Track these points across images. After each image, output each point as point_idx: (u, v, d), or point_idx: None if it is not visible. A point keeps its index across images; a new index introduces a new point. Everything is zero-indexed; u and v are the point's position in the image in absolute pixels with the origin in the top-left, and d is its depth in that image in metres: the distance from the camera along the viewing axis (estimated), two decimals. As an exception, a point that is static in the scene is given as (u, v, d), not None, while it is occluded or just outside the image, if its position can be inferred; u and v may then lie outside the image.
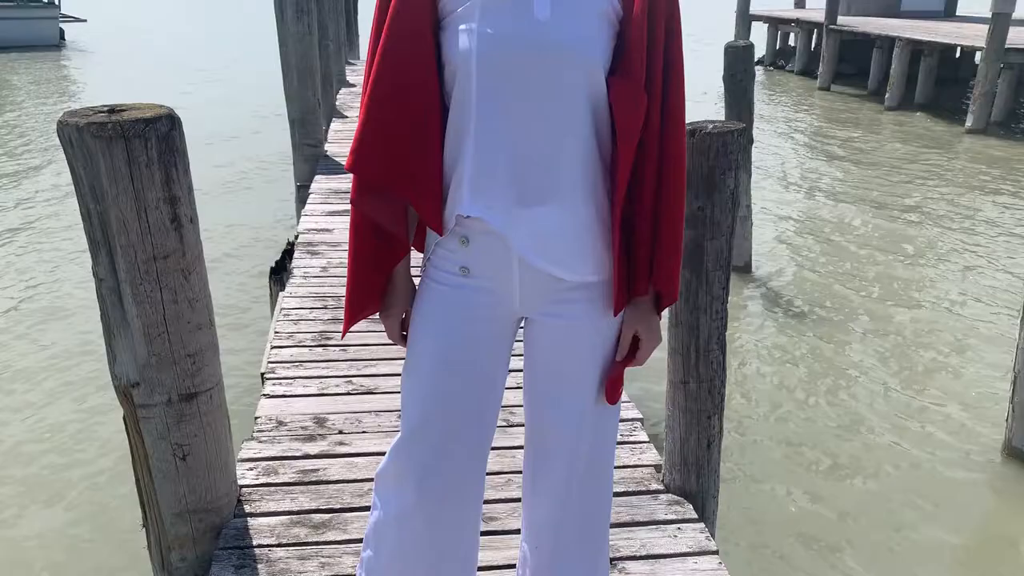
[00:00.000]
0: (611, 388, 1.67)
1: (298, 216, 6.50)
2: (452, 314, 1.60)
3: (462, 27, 1.44)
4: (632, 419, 3.05)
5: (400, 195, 1.54)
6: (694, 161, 2.36)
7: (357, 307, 1.67)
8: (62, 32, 27.23)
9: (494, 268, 1.56)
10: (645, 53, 1.47)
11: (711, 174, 2.34)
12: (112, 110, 2.09)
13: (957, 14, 21.90)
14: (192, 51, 25.08)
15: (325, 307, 4.06)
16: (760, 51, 22.45)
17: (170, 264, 2.14)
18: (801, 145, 13.24)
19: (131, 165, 2.03)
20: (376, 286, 1.67)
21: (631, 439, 2.94)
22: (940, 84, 16.59)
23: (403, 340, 1.72)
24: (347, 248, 4.92)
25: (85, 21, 28.61)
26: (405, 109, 1.48)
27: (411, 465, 1.65)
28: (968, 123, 13.83)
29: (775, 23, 22.47)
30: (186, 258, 2.18)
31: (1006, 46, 13.43)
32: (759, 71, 21.37)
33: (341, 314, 3.95)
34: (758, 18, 22.61)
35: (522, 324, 1.70)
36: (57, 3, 26.96)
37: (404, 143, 1.49)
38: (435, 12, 1.47)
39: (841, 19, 18.82)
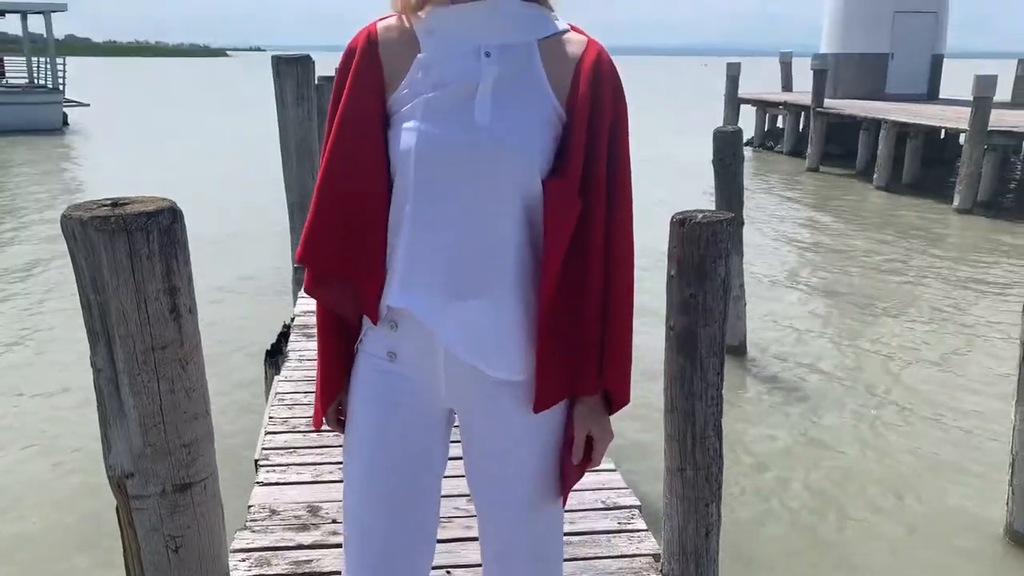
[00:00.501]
0: (566, 485, 1.66)
1: (294, 298, 6.53)
2: (379, 404, 1.63)
3: (405, 126, 1.49)
4: (630, 506, 3.03)
5: (347, 285, 1.59)
6: (685, 250, 2.41)
7: (325, 397, 1.72)
8: (65, 116, 27.77)
9: (419, 357, 1.58)
10: (583, 156, 1.48)
11: (702, 262, 2.38)
12: (115, 203, 2.13)
13: (940, 97, 22.49)
14: (192, 137, 25.56)
15: (320, 391, 4.06)
16: (749, 132, 22.97)
17: (168, 354, 2.16)
18: (792, 225, 13.43)
19: (132, 258, 2.06)
20: (340, 374, 1.70)
21: (629, 527, 2.91)
22: (926, 164, 16.94)
23: (339, 426, 1.75)
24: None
25: (88, 105, 29.19)
26: (353, 203, 1.54)
27: None
28: (955, 203, 14.07)
29: (763, 106, 23.04)
30: (184, 348, 2.20)
31: (989, 128, 13.77)
32: (749, 152, 21.83)
33: (336, 398, 3.95)
34: (746, 101, 23.20)
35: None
36: (61, 88, 27.58)
37: (351, 236, 1.55)
38: (384, 108, 1.53)
39: (828, 102, 19.32)
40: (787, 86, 24.57)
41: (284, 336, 5.01)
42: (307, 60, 6.63)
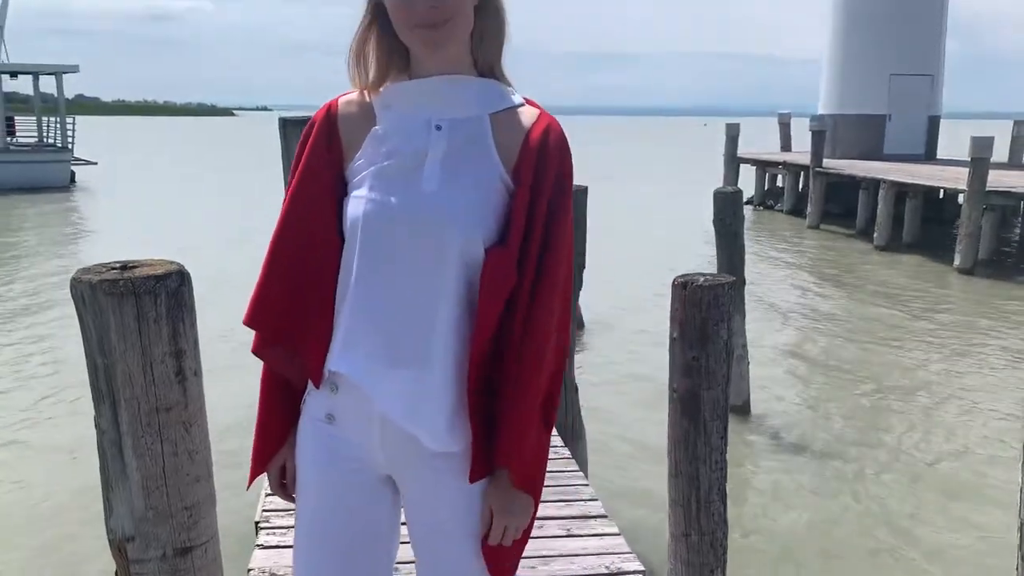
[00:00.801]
0: (491, 561, 1.62)
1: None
2: (319, 465, 1.64)
3: (355, 194, 1.54)
4: (634, 571, 2.99)
5: (290, 349, 1.63)
6: (687, 312, 2.42)
7: (262, 457, 1.75)
8: (73, 174, 28.12)
9: (358, 422, 1.60)
10: (523, 228, 1.49)
11: (704, 325, 2.40)
12: (124, 266, 2.16)
13: (938, 157, 22.75)
14: (197, 195, 25.83)
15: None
16: (749, 191, 23.18)
17: (172, 416, 2.16)
18: (795, 285, 13.47)
19: (140, 320, 2.08)
20: (281, 435, 1.73)
21: (633, 593, 2.87)
22: (926, 223, 17.05)
23: (281, 489, 1.77)
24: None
25: (96, 164, 29.58)
26: (301, 271, 1.59)
27: None
28: (956, 262, 14.13)
29: (763, 165, 23.30)
30: (188, 410, 2.20)
31: (987, 188, 13.90)
32: (749, 211, 22.01)
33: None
34: (746, 160, 23.47)
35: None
36: (70, 147, 27.98)
37: (298, 302, 1.60)
38: (342, 179, 1.58)
39: (826, 162, 19.55)
40: (786, 146, 24.88)
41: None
42: (314, 122, 6.74)
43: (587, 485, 3.90)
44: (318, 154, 1.58)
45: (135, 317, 2.08)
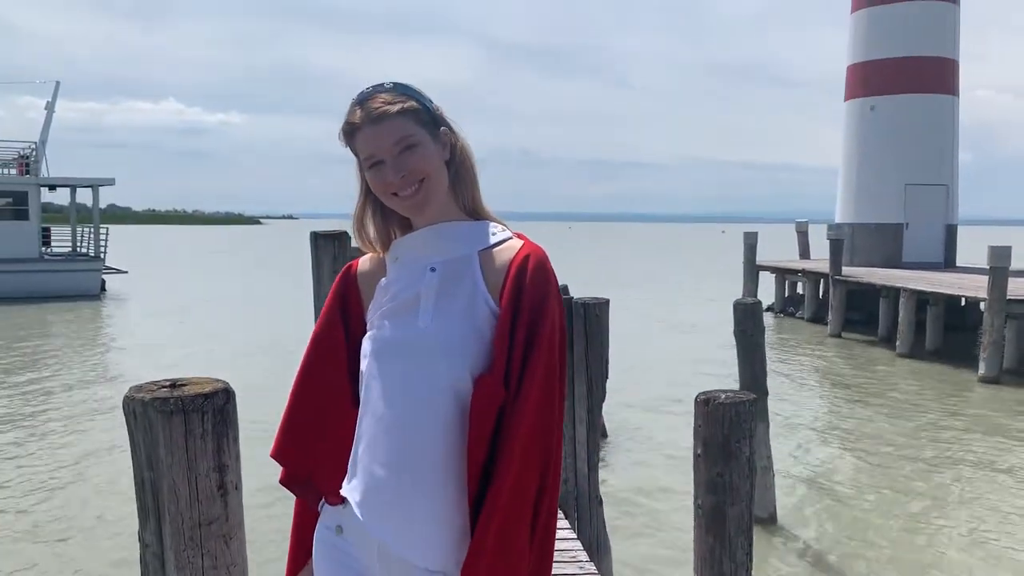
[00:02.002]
0: None
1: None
2: (329, 572, 1.75)
3: (367, 336, 1.73)
4: None
5: (310, 480, 1.83)
6: (710, 429, 2.50)
7: (293, 567, 1.92)
8: (103, 283, 28.78)
9: (358, 540, 1.70)
10: (506, 351, 1.59)
11: (727, 442, 2.47)
12: (174, 384, 2.28)
13: (957, 264, 22.84)
14: (224, 304, 26.27)
15: (348, 565, 4.05)
16: (769, 298, 23.30)
17: (213, 530, 2.24)
18: (817, 394, 13.39)
19: (187, 437, 2.19)
20: (306, 552, 1.87)
21: None
22: (949, 331, 17.00)
23: None
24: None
25: (126, 272, 30.27)
26: (320, 409, 1.80)
27: None
28: (981, 371, 14.02)
29: (782, 273, 23.46)
30: (228, 523, 2.28)
31: (1008, 297, 13.92)
32: (769, 317, 22.05)
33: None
34: (765, 268, 23.66)
35: None
36: (102, 257, 28.74)
37: (316, 438, 1.80)
38: (361, 328, 1.78)
39: (846, 270, 19.68)
40: (804, 253, 25.09)
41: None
42: (344, 236, 6.96)
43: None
44: (333, 312, 1.83)
45: (183, 434, 2.19)
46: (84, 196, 30.97)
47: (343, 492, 1.71)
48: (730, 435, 2.46)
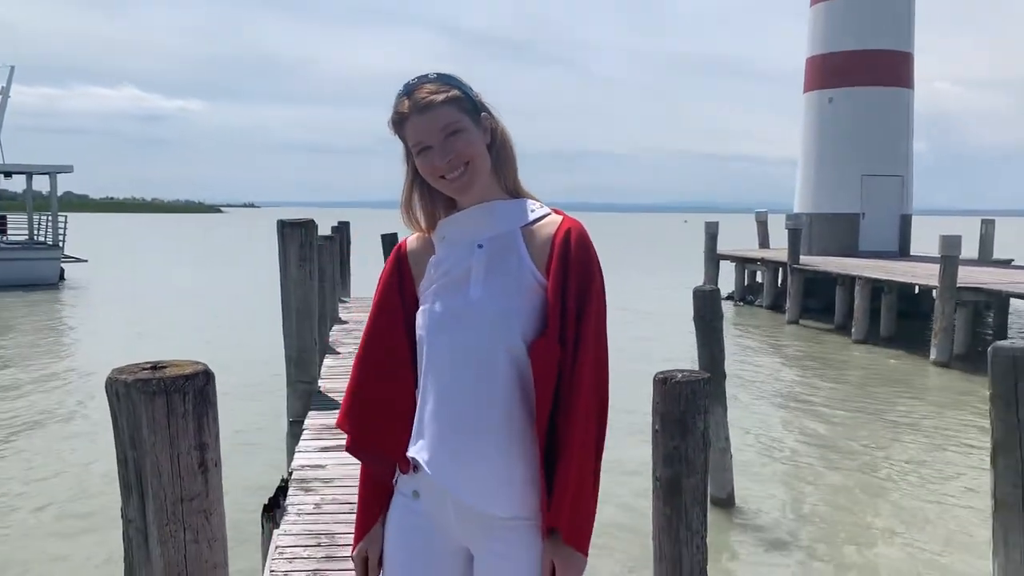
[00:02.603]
0: None
1: (288, 451, 6.65)
2: (406, 536, 1.90)
3: (421, 309, 1.88)
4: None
5: (376, 452, 1.93)
6: (667, 406, 2.65)
7: (361, 530, 2.00)
8: (62, 271, 28.33)
9: (434, 499, 1.85)
10: (559, 313, 1.76)
11: (683, 418, 2.62)
12: (155, 367, 2.37)
13: (911, 253, 23.41)
14: (187, 292, 26.03)
15: (319, 544, 4.16)
16: (730, 286, 23.68)
17: (194, 506, 2.34)
18: (776, 378, 13.71)
19: (170, 416, 2.29)
20: (372, 517, 1.99)
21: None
22: (903, 318, 17.46)
23: (363, 566, 1.99)
24: (340, 484, 5.08)
25: (86, 261, 29.82)
26: (380, 382, 1.92)
27: None
28: (933, 356, 14.45)
29: (742, 262, 23.86)
30: (209, 499, 2.38)
31: (958, 285, 14.35)
32: (729, 306, 22.42)
33: (335, 552, 4.05)
34: (725, 257, 24.04)
35: None
36: (61, 245, 28.27)
37: (382, 410, 1.91)
38: (414, 303, 1.92)
39: (804, 258, 20.08)
40: (764, 243, 25.53)
41: (283, 490, 5.11)
42: (311, 224, 7.04)
43: None
44: (391, 287, 1.95)
45: (165, 413, 2.28)
46: (40, 183, 30.44)
47: (410, 454, 1.84)
48: (686, 411, 2.61)
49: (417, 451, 1.84)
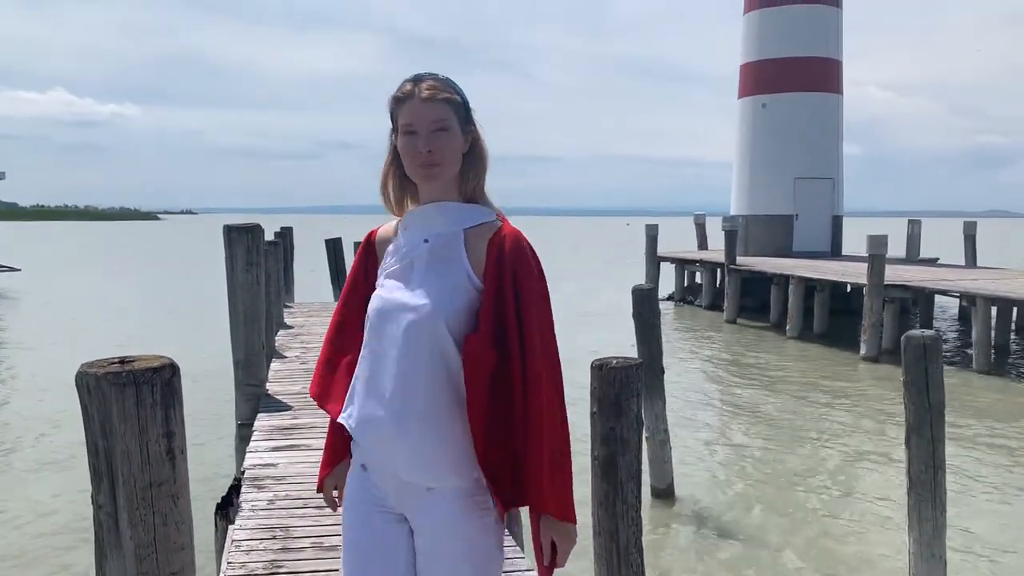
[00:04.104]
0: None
1: (237, 452, 6.73)
2: (357, 505, 2.11)
3: (376, 290, 2.09)
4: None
5: (324, 408, 2.18)
6: (604, 390, 2.88)
7: (327, 466, 2.25)
8: (-7, 281, 27.59)
9: (378, 472, 2.06)
10: (492, 316, 1.94)
11: (618, 400, 2.85)
12: (123, 360, 2.52)
13: (843, 253, 24.23)
14: (124, 300, 25.56)
15: (274, 538, 4.29)
16: (670, 287, 24.21)
17: (163, 491, 2.49)
18: (713, 374, 14.14)
19: (139, 407, 2.44)
20: (336, 454, 2.24)
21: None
22: (835, 315, 18.12)
23: (332, 503, 2.26)
24: (292, 481, 5.20)
25: (20, 271, 29.07)
26: (344, 348, 2.16)
27: None
28: (862, 351, 15.06)
29: (681, 263, 24.42)
30: (176, 484, 2.53)
31: (885, 282, 14.98)
32: (670, 306, 22.92)
33: (291, 544, 4.19)
34: (665, 259, 24.57)
35: None
36: (-9, 253, 27.53)
37: (335, 373, 2.17)
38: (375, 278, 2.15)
39: (740, 259, 20.67)
40: (702, 244, 26.16)
41: (235, 488, 5.22)
42: (258, 229, 7.13)
43: (523, 558, 4.24)
44: (358, 269, 2.20)
45: (135, 404, 2.43)
46: (-31, 191, 29.53)
47: (340, 419, 2.08)
48: (620, 394, 2.84)
49: (345, 418, 2.07)
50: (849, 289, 19.94)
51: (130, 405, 2.43)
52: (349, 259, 7.76)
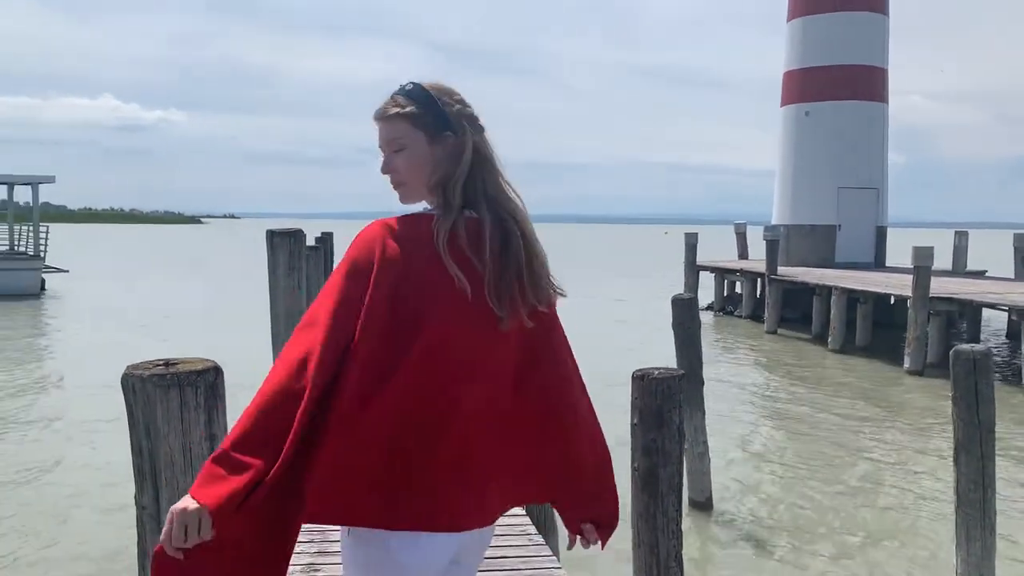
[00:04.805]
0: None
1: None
2: None
3: None
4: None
5: None
6: (645, 401, 2.84)
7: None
8: (43, 282, 28.20)
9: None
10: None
11: (659, 411, 2.82)
12: (167, 363, 2.55)
13: (887, 264, 23.82)
14: (167, 303, 26.00)
15: (311, 540, 4.31)
16: (710, 297, 23.98)
17: (205, 493, 2.51)
18: (755, 385, 13.96)
19: (183, 409, 2.46)
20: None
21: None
22: (878, 327, 17.80)
23: None
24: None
25: (67, 272, 29.70)
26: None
27: None
28: (906, 365, 14.77)
29: (721, 272, 24.18)
30: (218, 487, 2.55)
31: (930, 295, 14.69)
32: (709, 316, 22.70)
33: (328, 547, 4.20)
34: (705, 268, 24.35)
35: None
36: (42, 255, 28.16)
37: None
38: None
39: (781, 269, 20.41)
40: (743, 254, 25.88)
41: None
42: (299, 234, 7.20)
43: (560, 568, 4.21)
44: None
45: (179, 405, 2.45)
46: (20, 194, 30.31)
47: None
48: (662, 406, 2.81)
49: None
50: (893, 301, 19.56)
51: (174, 407, 2.46)
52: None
